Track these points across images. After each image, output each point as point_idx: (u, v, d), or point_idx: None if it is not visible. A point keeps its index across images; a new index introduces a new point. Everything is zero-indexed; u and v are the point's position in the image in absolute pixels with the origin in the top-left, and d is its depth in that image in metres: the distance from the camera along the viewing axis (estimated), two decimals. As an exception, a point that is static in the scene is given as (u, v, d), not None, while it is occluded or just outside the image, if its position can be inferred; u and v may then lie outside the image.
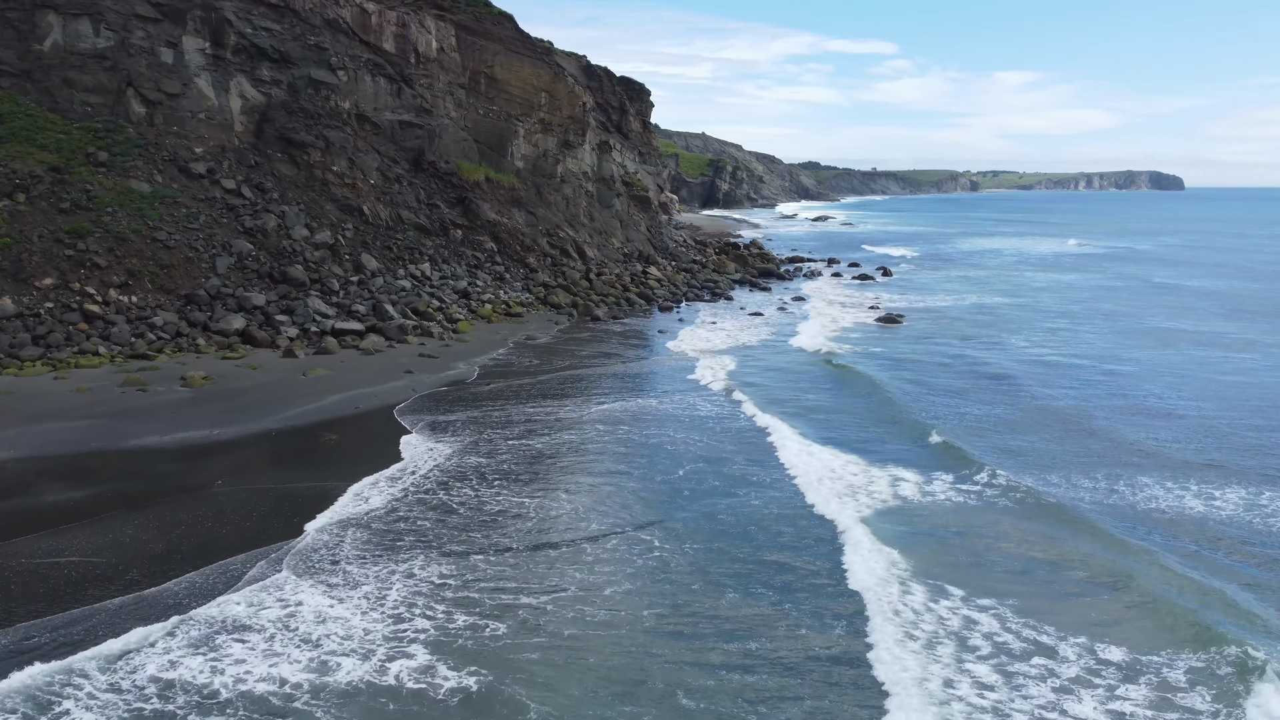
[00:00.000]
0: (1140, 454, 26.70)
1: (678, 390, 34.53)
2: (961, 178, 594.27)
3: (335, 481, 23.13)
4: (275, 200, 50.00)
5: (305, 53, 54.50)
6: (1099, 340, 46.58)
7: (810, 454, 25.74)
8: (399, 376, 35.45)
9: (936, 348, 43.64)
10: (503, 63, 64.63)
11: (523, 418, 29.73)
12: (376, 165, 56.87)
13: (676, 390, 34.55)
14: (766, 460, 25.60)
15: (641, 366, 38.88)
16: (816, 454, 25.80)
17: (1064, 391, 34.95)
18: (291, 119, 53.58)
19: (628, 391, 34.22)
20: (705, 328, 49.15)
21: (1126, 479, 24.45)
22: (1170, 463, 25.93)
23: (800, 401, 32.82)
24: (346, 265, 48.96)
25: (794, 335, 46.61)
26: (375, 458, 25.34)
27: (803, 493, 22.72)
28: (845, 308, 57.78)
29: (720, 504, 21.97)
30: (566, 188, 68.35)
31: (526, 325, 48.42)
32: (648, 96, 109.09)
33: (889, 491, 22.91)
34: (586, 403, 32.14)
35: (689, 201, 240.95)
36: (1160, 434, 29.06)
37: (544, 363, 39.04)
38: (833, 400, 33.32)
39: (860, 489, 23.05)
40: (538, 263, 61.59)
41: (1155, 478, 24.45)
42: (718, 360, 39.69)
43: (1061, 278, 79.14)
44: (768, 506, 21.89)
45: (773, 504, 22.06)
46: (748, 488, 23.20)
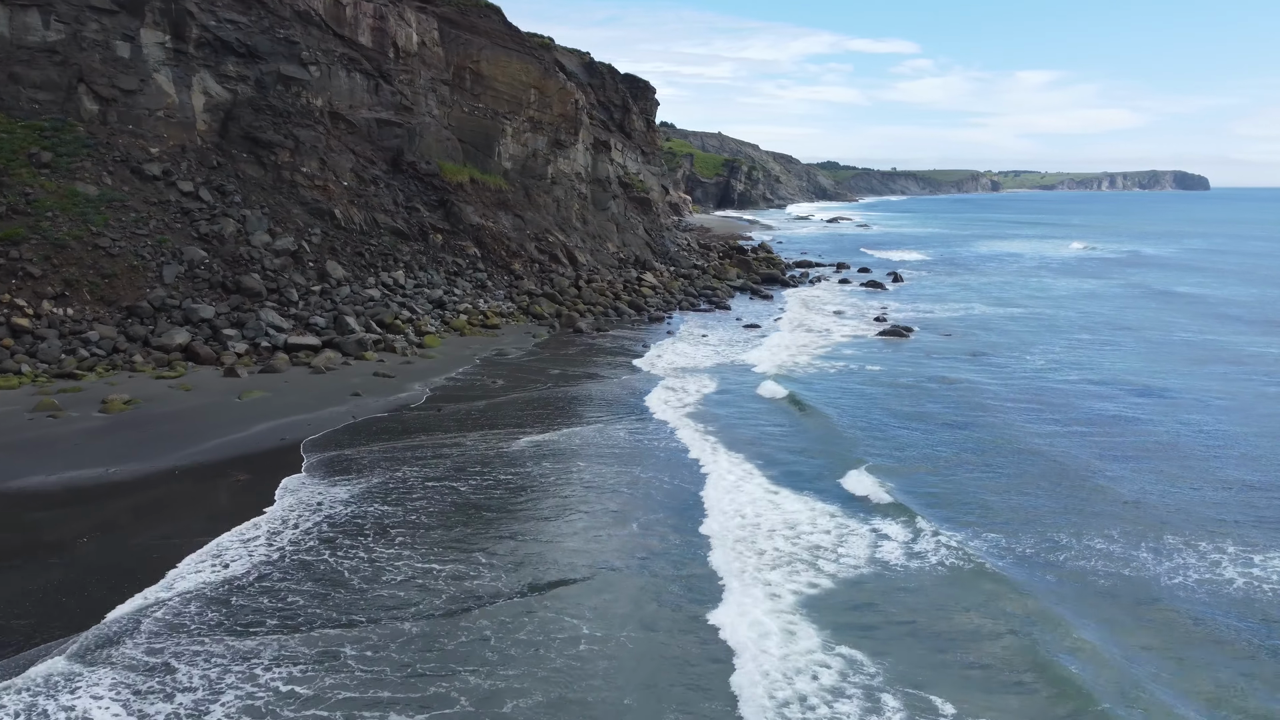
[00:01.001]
0: (1179, 514, 22.83)
1: (628, 418, 30.80)
2: (982, 178, 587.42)
3: (206, 537, 19.78)
4: (237, 204, 46.93)
5: (274, 47, 51.42)
6: (1124, 358, 42.60)
7: (742, 516, 21.69)
8: (343, 400, 32.21)
9: (941, 368, 39.92)
10: (489, 58, 61.40)
11: (456, 452, 26.33)
12: (351, 166, 53.76)
13: (627, 417, 30.87)
14: (685, 520, 21.83)
15: (607, 389, 35.31)
16: (749, 513, 21.89)
17: (1080, 434, 29.67)
18: (259, 117, 50.52)
19: (576, 419, 30.69)
20: (692, 342, 45.64)
21: (1159, 547, 20.75)
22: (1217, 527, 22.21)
23: (760, 440, 28.51)
24: (310, 273, 45.81)
25: (786, 351, 42.99)
26: (268, 505, 22.03)
27: (716, 575, 18.70)
28: (848, 319, 54.11)
29: (629, 582, 18.31)
30: (557, 189, 65.04)
31: (501, 338, 45.13)
32: (652, 94, 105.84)
33: (827, 571, 19.02)
34: (530, 432, 28.74)
35: (704, 202, 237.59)
36: (1204, 481, 25.30)
37: (508, 383, 35.69)
38: (798, 440, 28.73)
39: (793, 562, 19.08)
40: (524, 269, 58.30)
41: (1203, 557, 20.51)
42: (690, 383, 35.95)
43: (1082, 284, 75.06)
44: (668, 598, 17.66)
45: (675, 592, 17.93)
46: (656, 558, 19.41)
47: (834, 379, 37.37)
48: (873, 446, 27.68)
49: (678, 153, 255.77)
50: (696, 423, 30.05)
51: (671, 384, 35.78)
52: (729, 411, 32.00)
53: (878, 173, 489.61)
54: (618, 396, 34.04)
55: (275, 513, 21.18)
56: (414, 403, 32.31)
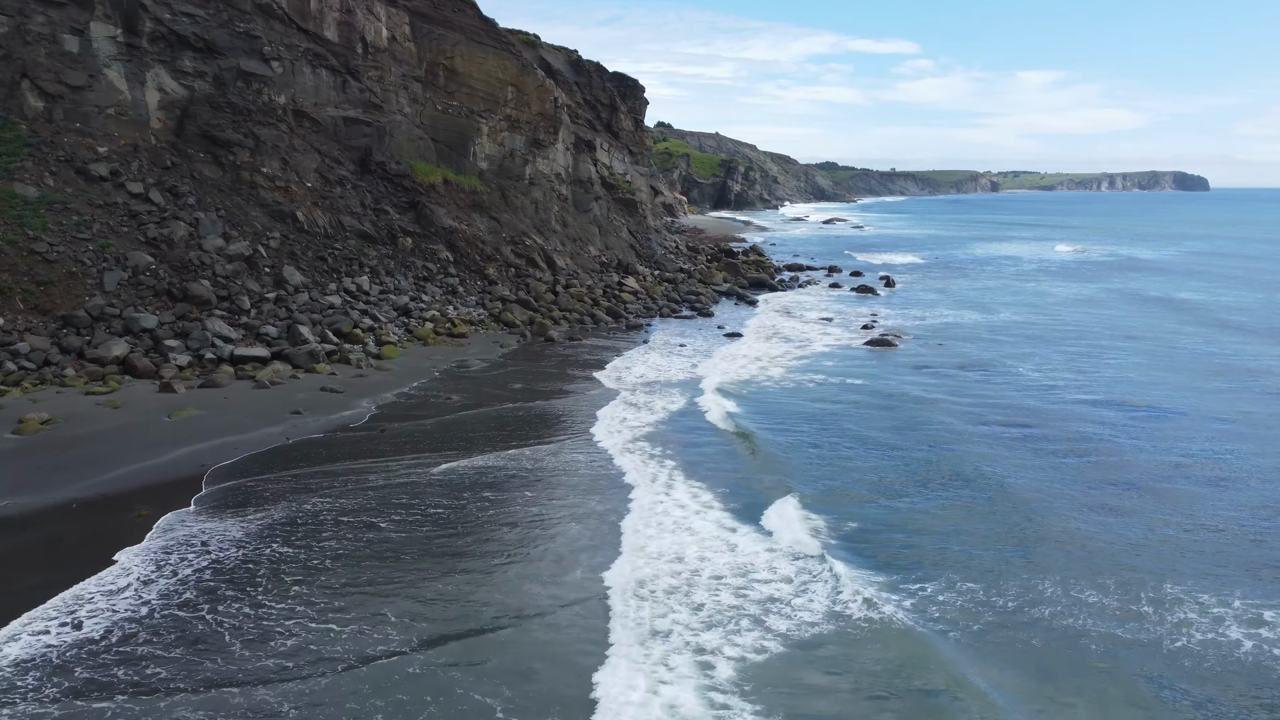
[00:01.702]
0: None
1: (578, 440, 28.41)
2: (982, 179, 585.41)
3: (61, 589, 17.27)
4: (191, 206, 44.62)
5: (234, 41, 49.10)
6: (1124, 371, 40.20)
7: (654, 558, 19.07)
8: (282, 419, 29.89)
9: (926, 383, 37.56)
10: (464, 54, 59.09)
11: (385, 480, 23.99)
12: (316, 167, 51.44)
13: (577, 439, 28.48)
14: (599, 558, 19.51)
15: (567, 406, 32.84)
16: (666, 552, 19.38)
17: (1069, 465, 26.45)
18: (217, 115, 48.20)
19: (525, 440, 28.24)
20: (665, 352, 43.27)
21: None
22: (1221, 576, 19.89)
23: (706, 467, 25.72)
24: (265, 280, 43.47)
25: (758, 363, 40.59)
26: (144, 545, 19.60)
27: (608, 634, 16.24)
28: (833, 327, 51.77)
29: (533, 638, 16.07)
30: (536, 191, 62.72)
31: (467, 348, 42.80)
32: (641, 93, 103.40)
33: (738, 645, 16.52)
34: (474, 455, 26.44)
35: (700, 202, 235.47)
36: (1211, 518, 22.97)
37: (465, 398, 33.36)
38: (748, 469, 25.95)
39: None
40: (499, 274, 55.98)
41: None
42: (654, 400, 33.50)
43: (1080, 289, 72.75)
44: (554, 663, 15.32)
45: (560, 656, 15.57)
46: (561, 611, 17.15)
47: (805, 396, 34.82)
48: (825, 478, 24.89)
49: (674, 153, 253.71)
50: (642, 448, 27.48)
51: (634, 399, 33.45)
52: (682, 435, 29.30)
53: (877, 173, 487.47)
54: (573, 415, 31.62)
55: (151, 556, 18.72)
56: (356, 422, 29.99)
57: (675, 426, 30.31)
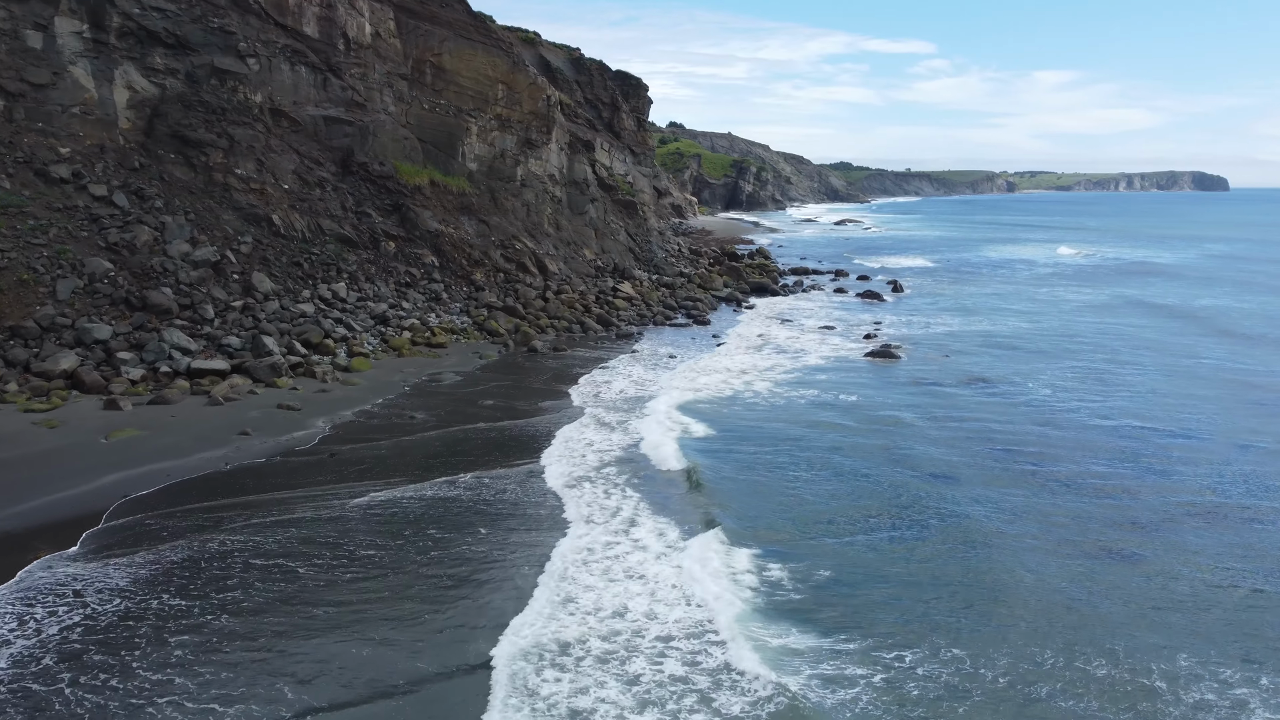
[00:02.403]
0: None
1: (529, 467, 26.11)
2: (998, 179, 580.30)
3: None
4: (158, 209, 42.64)
5: (207, 37, 47.12)
6: (1142, 389, 37.33)
7: (559, 616, 16.96)
8: (227, 440, 27.78)
9: (927, 401, 35.04)
10: (452, 50, 56.95)
11: (315, 514, 21.77)
12: (294, 168, 49.41)
13: (528, 466, 26.21)
14: (502, 616, 17.23)
15: (532, 426, 30.45)
16: (574, 603, 17.22)
17: (1077, 507, 23.53)
18: (189, 114, 46.21)
19: (476, 466, 26.01)
20: (650, 365, 40.86)
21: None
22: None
23: (655, 500, 23.38)
24: (233, 287, 41.43)
25: (744, 378, 38.17)
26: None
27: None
28: (834, 336, 49.31)
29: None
30: (528, 192, 60.53)
31: (444, 360, 40.63)
32: (645, 92, 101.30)
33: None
34: (421, 484, 24.23)
35: (711, 203, 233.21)
36: (1243, 571, 20.47)
37: (429, 417, 31.17)
38: (708, 507, 22.85)
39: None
40: (486, 280, 53.84)
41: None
42: (629, 422, 31.09)
43: (1096, 295, 69.97)
44: None
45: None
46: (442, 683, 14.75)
47: (789, 416, 32.05)
48: (786, 524, 21.83)
49: (685, 153, 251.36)
50: (596, 480, 24.96)
51: (606, 418, 31.15)
52: (639, 467, 26.52)
53: (891, 173, 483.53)
54: (537, 438, 29.14)
55: (11, 609, 16.32)
56: (306, 444, 27.83)
57: (635, 456, 27.57)
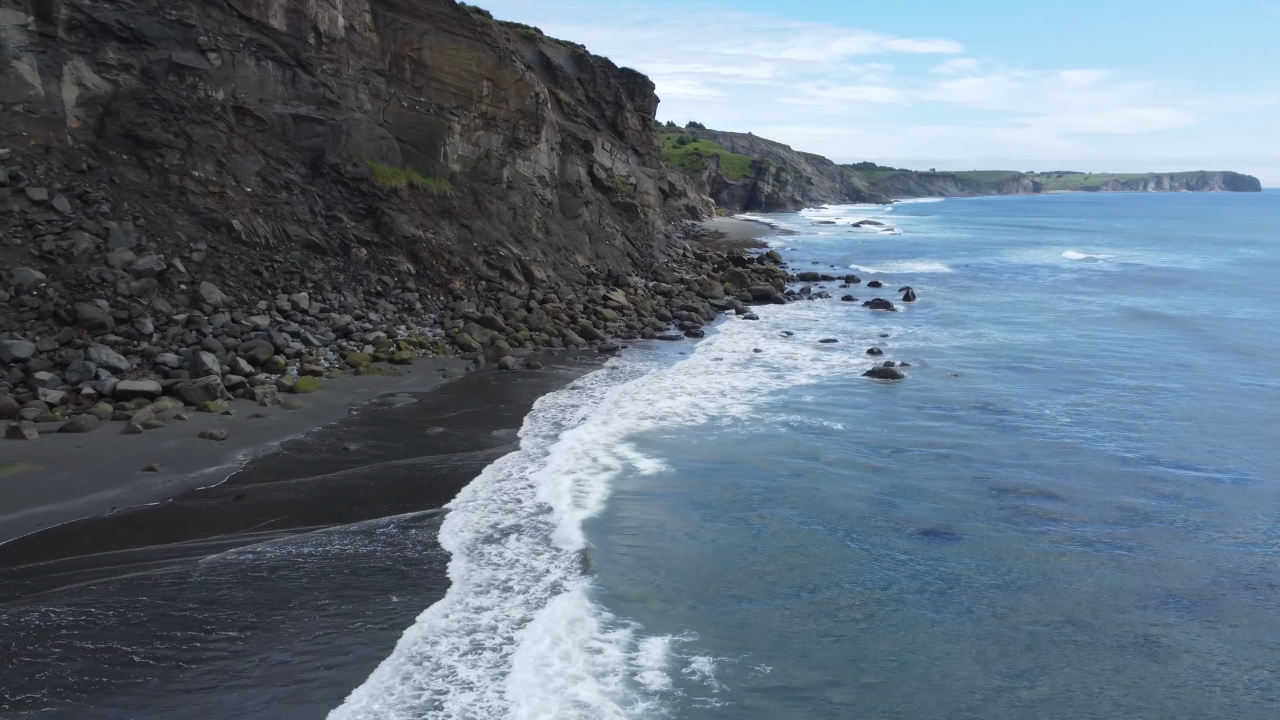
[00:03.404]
0: None
1: (424, 524, 22.48)
2: (1024, 179, 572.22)
3: None
4: (103, 215, 39.66)
5: (165, 30, 44.17)
6: (1177, 416, 33.01)
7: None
8: (130, 477, 24.59)
9: (927, 431, 31.20)
10: (433, 44, 53.78)
11: (177, 574, 18.49)
12: (258, 169, 46.36)
13: (431, 522, 22.64)
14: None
15: (466, 464, 26.76)
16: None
17: (1107, 570, 19.86)
18: (144, 112, 43.25)
19: (379, 510, 22.74)
20: (624, 384, 37.24)
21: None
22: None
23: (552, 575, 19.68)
24: (179, 299, 38.36)
25: (722, 400, 34.47)
26: None
27: None
28: (834, 350, 45.57)
29: None
30: (515, 195, 57.23)
31: (404, 378, 37.34)
32: (650, 90, 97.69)
33: None
34: (304, 531, 21.00)
35: (729, 204, 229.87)
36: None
37: (366, 447, 27.85)
38: (616, 602, 18.46)
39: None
40: (466, 288, 50.58)
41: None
42: (567, 460, 27.44)
43: (1124, 304, 65.74)
44: None
45: None
46: None
47: (763, 450, 27.98)
48: (718, 614, 17.78)
49: (704, 153, 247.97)
50: (487, 539, 21.13)
51: (545, 452, 27.63)
52: (549, 521, 22.65)
53: (915, 174, 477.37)
54: (463, 478, 25.49)
55: None
56: (215, 482, 24.57)
57: (552, 508, 23.48)
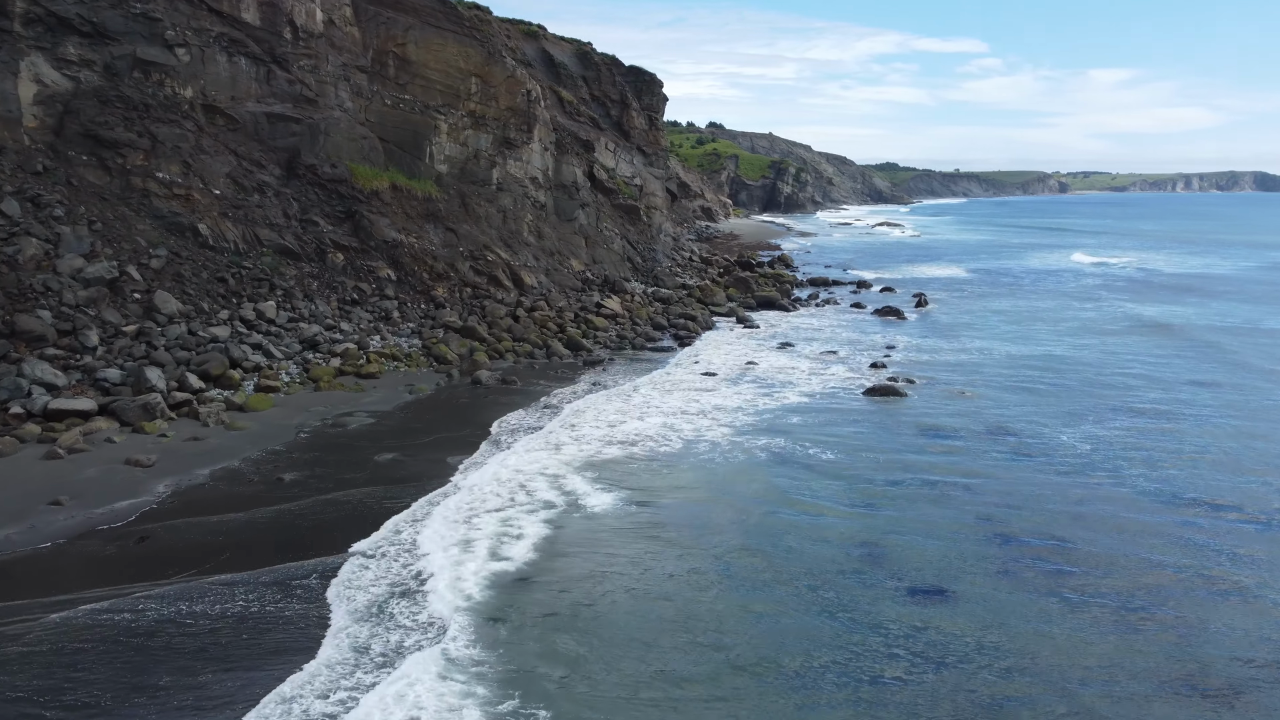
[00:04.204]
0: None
1: (314, 577, 19.71)
2: (1050, 179, 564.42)
3: None
4: (57, 219, 37.48)
5: (129, 25, 42.04)
6: (1209, 444, 29.64)
7: None
8: (31, 512, 22.24)
9: (926, 463, 28.40)
10: (418, 39, 51.37)
11: (19, 630, 16.08)
12: (228, 171, 44.10)
13: (316, 573, 20.02)
14: None
15: (401, 496, 24.04)
16: None
17: (1138, 644, 17.06)
18: (105, 111, 41.12)
19: (280, 556, 20.25)
20: (603, 402, 34.61)
21: None
22: None
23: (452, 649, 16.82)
24: (130, 309, 36.07)
25: (700, 422, 31.58)
26: None
27: None
28: (834, 363, 42.62)
29: None
30: (505, 197, 54.72)
31: (368, 394, 34.86)
32: (659, 89, 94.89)
33: None
34: (196, 578, 18.45)
35: (748, 205, 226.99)
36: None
37: (301, 477, 25.35)
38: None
39: None
40: (449, 295, 48.11)
41: None
42: (511, 496, 24.81)
43: (1149, 312, 62.32)
44: None
45: None
46: None
47: (734, 484, 25.11)
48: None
49: (722, 154, 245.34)
50: (381, 602, 18.41)
51: (477, 483, 24.99)
52: (452, 581, 19.62)
53: (939, 174, 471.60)
54: (386, 515, 22.92)
55: None
56: (122, 519, 22.14)
57: (471, 559, 20.61)
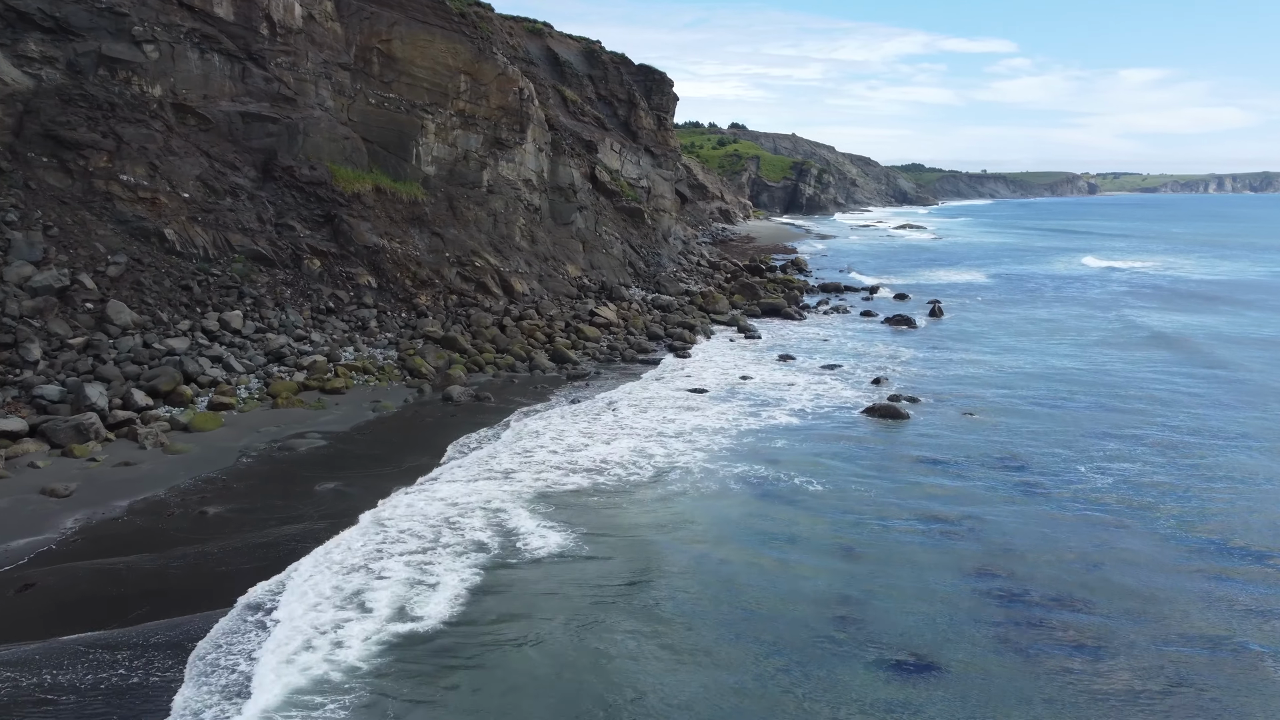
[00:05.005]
0: None
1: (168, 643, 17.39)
2: (1079, 180, 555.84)
3: None
4: (10, 223, 35.59)
5: (94, 20, 40.13)
6: (1261, 480, 26.70)
7: None
8: (-84, 552, 20.05)
9: (924, 498, 25.75)
10: (404, 35, 49.17)
11: None
12: (199, 173, 42.08)
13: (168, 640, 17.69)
14: None
15: (325, 534, 21.96)
16: None
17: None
18: (67, 110, 39.20)
19: (154, 614, 17.94)
20: (577, 421, 32.14)
21: None
22: None
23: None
24: (81, 319, 34.05)
25: (674, 444, 29.02)
26: None
27: None
28: (835, 377, 39.88)
29: None
30: (495, 200, 52.40)
31: (329, 411, 32.62)
32: (669, 88, 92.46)
33: None
34: (97, 658, 16.16)
35: (770, 207, 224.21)
36: None
37: (229, 510, 23.09)
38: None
39: None
40: (433, 303, 45.88)
41: None
42: (438, 530, 22.54)
43: (1176, 323, 59.01)
44: None
45: None
46: None
47: (700, 523, 22.62)
48: None
49: (743, 155, 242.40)
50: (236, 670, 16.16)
51: (403, 518, 22.62)
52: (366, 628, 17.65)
53: (965, 175, 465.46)
54: (278, 559, 20.56)
55: None
56: (17, 560, 19.94)
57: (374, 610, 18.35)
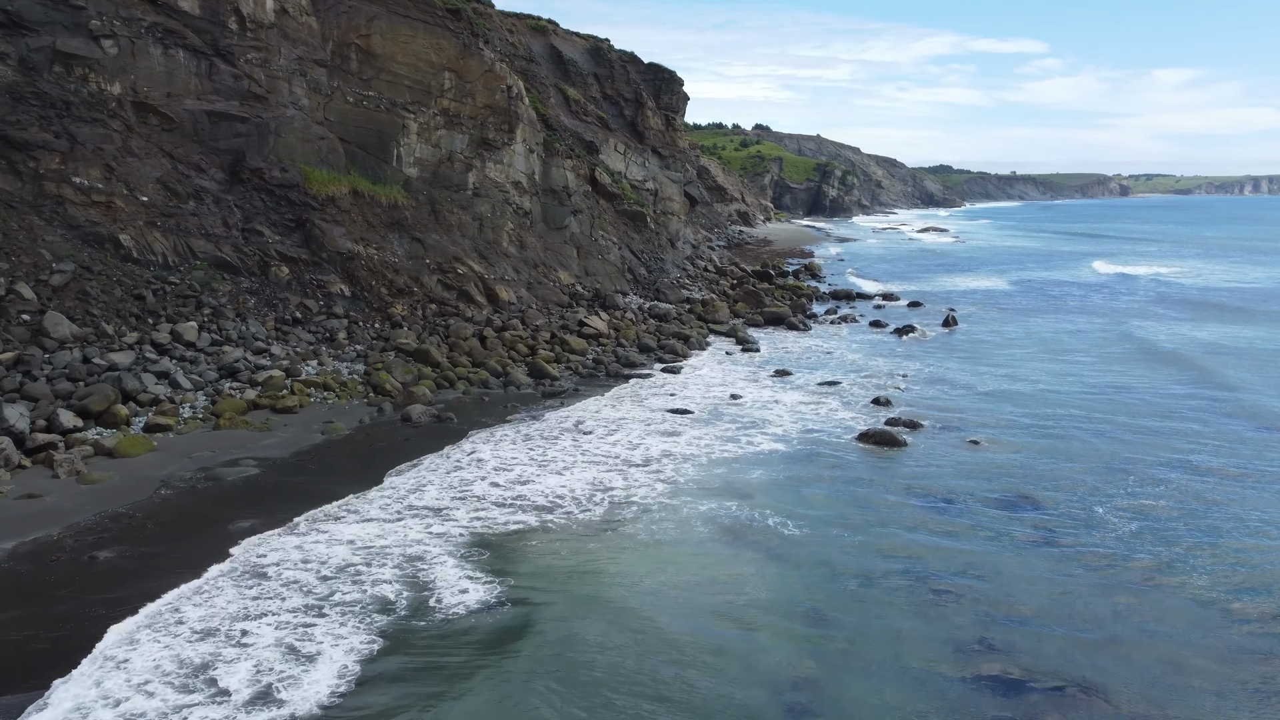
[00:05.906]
0: None
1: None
2: (1110, 181, 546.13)
3: None
4: (-52, 228, 33.48)
5: (48, 13, 38.02)
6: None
7: None
8: None
9: (921, 544, 22.74)
10: (384, 30, 46.74)
11: None
12: (159, 175, 39.85)
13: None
14: None
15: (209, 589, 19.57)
16: None
17: None
18: (18, 109, 37.12)
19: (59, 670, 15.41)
20: (537, 445, 29.38)
21: None
22: None
23: None
24: (15, 332, 31.80)
25: (645, 470, 26.29)
26: None
27: None
28: (830, 398, 36.83)
29: None
30: (482, 204, 49.84)
31: (274, 433, 30.13)
32: (678, 87, 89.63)
33: None
34: None
35: (792, 209, 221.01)
36: None
37: (124, 554, 20.64)
38: None
39: None
40: (410, 313, 43.41)
41: None
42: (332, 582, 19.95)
43: (1206, 338, 55.37)
44: None
45: None
46: None
47: (652, 579, 19.79)
48: None
49: (766, 156, 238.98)
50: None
51: (299, 565, 20.11)
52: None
53: (994, 177, 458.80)
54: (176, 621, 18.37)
55: None
56: None
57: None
